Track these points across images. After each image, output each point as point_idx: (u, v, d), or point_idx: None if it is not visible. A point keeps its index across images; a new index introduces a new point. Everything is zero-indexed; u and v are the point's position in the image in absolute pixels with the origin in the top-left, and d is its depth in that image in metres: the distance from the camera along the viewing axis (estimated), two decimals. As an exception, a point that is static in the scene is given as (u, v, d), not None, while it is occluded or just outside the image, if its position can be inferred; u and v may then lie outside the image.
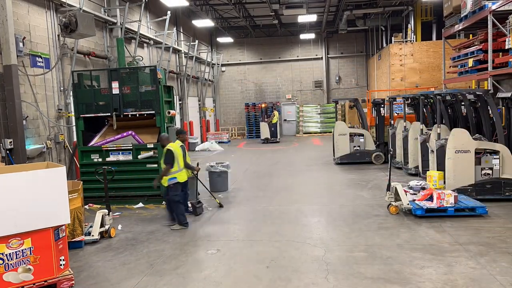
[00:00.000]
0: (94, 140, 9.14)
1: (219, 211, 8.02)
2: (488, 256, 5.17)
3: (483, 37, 11.18)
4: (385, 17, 21.53)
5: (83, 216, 6.40)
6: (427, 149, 9.13)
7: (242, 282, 4.77)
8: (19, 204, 4.53)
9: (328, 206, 7.98)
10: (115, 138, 8.95)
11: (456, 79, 13.35)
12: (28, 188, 4.58)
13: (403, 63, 18.14)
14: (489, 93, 8.04)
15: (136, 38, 13.86)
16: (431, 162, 8.74)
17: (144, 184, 8.75)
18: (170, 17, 15.31)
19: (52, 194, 4.73)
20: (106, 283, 4.89)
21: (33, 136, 9.26)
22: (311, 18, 19.79)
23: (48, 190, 4.71)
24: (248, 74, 26.69)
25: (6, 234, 4.46)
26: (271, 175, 11.71)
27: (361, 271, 4.91)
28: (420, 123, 9.91)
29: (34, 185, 4.62)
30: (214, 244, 6.10)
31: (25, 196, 4.57)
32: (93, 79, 9.14)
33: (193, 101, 21.90)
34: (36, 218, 4.61)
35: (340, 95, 25.84)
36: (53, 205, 4.72)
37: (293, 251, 5.64)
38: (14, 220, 4.50)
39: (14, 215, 4.50)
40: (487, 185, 7.64)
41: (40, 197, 4.65)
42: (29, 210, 4.57)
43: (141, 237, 6.60)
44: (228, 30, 24.44)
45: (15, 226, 4.51)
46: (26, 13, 9.31)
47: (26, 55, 9.16)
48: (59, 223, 4.77)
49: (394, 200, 7.33)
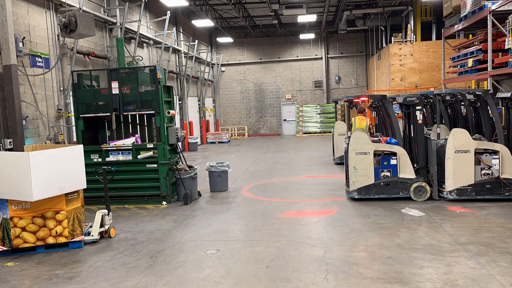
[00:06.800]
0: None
1: (218, 211, 8.02)
2: (488, 256, 5.17)
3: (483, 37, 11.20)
4: (385, 17, 21.54)
5: (83, 216, 6.40)
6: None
7: (242, 282, 4.77)
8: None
9: (328, 206, 7.98)
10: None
11: (456, 79, 13.36)
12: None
13: (402, 63, 18.15)
14: (488, 93, 8.05)
15: (136, 38, 13.86)
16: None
17: (144, 184, 8.76)
18: (169, 17, 15.32)
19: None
20: (105, 283, 4.89)
21: (32, 136, 9.25)
22: (311, 18, 19.79)
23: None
24: (247, 74, 26.69)
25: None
26: (271, 175, 11.72)
27: (361, 271, 4.90)
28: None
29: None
30: (214, 244, 6.10)
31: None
32: (92, 79, 9.14)
33: (193, 101, 21.90)
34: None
35: (340, 95, 25.85)
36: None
37: (293, 251, 5.63)
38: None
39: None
40: (487, 185, 7.64)
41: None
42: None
43: (141, 237, 6.60)
44: (227, 30, 24.44)
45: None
46: (25, 13, 9.31)
47: (25, 55, 9.16)
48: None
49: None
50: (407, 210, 7.33)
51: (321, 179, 10.79)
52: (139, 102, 8.79)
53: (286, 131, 26.63)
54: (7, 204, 5.85)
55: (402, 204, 7.78)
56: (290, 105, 26.48)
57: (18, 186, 5.66)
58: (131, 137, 9.24)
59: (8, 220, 5.88)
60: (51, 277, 5.14)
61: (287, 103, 26.51)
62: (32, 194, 5.59)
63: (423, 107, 8.30)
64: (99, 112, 8.94)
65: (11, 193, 5.74)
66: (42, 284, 4.95)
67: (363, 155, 8.02)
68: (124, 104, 8.84)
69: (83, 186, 6.32)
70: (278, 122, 26.75)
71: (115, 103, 8.80)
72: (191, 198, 8.82)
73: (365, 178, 8.05)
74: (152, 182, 8.76)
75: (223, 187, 9.89)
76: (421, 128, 8.13)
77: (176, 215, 7.87)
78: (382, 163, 8.08)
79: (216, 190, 9.81)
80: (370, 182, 8.05)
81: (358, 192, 8.11)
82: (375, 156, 8.07)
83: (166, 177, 8.69)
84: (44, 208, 5.95)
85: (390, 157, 8.09)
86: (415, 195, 7.95)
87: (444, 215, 7.02)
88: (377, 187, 8.06)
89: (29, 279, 5.12)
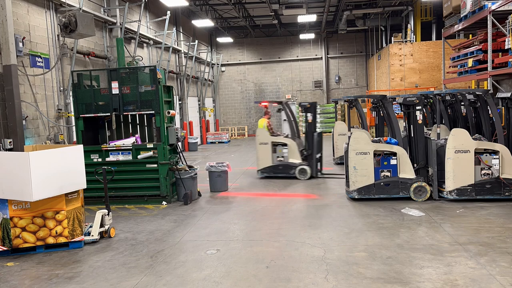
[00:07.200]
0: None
1: (218, 211, 8.02)
2: (488, 256, 5.17)
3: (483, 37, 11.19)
4: (385, 17, 21.54)
5: (83, 216, 6.40)
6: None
7: (242, 282, 4.77)
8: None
9: (328, 206, 7.98)
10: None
11: (456, 79, 13.35)
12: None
13: (402, 63, 18.14)
14: (488, 93, 8.05)
15: (136, 38, 13.86)
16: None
17: (143, 184, 8.76)
18: (169, 17, 15.32)
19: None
20: (105, 283, 4.89)
21: (32, 136, 9.26)
22: (311, 18, 19.80)
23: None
24: (247, 74, 26.69)
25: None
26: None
27: (361, 271, 4.90)
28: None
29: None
30: (213, 244, 6.10)
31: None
32: (92, 79, 9.15)
33: (192, 101, 21.90)
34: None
35: (340, 95, 25.86)
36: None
37: (293, 251, 5.63)
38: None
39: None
40: (487, 185, 7.64)
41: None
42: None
43: (140, 237, 6.60)
44: (227, 30, 24.45)
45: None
46: (25, 13, 9.31)
47: (25, 55, 9.16)
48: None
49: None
50: (407, 210, 7.33)
51: (321, 179, 10.79)
52: (139, 102, 8.79)
53: (286, 131, 26.62)
54: (7, 204, 5.86)
55: (402, 204, 7.78)
56: (290, 105, 26.47)
57: (18, 186, 5.66)
58: (131, 137, 9.25)
59: (8, 220, 5.88)
60: (51, 277, 5.14)
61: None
62: (32, 194, 5.59)
63: (423, 107, 8.29)
64: (99, 112, 8.94)
65: (11, 193, 5.74)
66: (42, 284, 4.95)
67: (363, 155, 8.02)
68: (124, 104, 8.84)
69: (83, 186, 6.34)
70: (278, 122, 26.75)
71: (115, 103, 8.80)
72: (191, 198, 8.83)
73: (365, 178, 8.05)
74: (152, 182, 8.76)
75: (223, 187, 9.89)
76: (421, 128, 8.13)
77: (176, 215, 7.87)
78: (382, 163, 8.08)
79: (216, 190, 9.82)
80: (370, 182, 8.05)
81: (358, 192, 8.11)
82: (375, 156, 8.07)
83: (166, 177, 8.69)
84: (44, 208, 5.96)
85: (390, 157, 8.09)
86: (415, 195, 7.95)
87: (444, 215, 7.02)
88: (377, 187, 8.06)
89: (29, 279, 5.12)
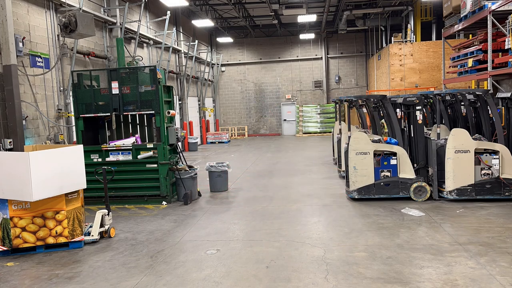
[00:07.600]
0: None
1: (218, 211, 8.02)
2: (488, 256, 5.17)
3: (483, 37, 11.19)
4: (385, 17, 21.54)
5: (83, 216, 6.40)
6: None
7: (241, 282, 4.77)
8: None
9: (328, 206, 7.98)
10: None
11: (456, 79, 13.35)
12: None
13: (402, 63, 18.15)
14: (488, 93, 8.05)
15: (136, 38, 13.86)
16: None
17: (143, 184, 8.77)
18: (169, 17, 15.32)
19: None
20: (105, 283, 4.89)
21: (32, 136, 9.26)
22: (311, 18, 19.80)
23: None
24: (247, 74, 26.70)
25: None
26: (271, 175, 11.72)
27: (361, 271, 4.90)
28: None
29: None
30: (213, 244, 6.10)
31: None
32: (92, 79, 9.15)
33: (192, 101, 21.90)
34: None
35: (340, 95, 25.85)
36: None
37: (293, 251, 5.63)
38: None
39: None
40: (487, 185, 7.64)
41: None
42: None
43: (140, 237, 6.60)
44: (227, 30, 24.45)
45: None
46: (25, 13, 9.31)
47: (25, 55, 9.16)
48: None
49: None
50: (407, 210, 7.33)
51: (321, 179, 10.79)
52: (139, 102, 8.80)
53: (286, 131, 26.64)
54: (7, 204, 5.86)
55: (402, 204, 7.78)
56: (290, 105, 26.48)
57: (18, 186, 5.66)
58: (131, 137, 9.25)
59: (8, 220, 5.88)
60: (51, 277, 5.14)
61: (287, 103, 26.52)
62: (32, 194, 5.59)
63: (423, 107, 8.30)
64: (99, 112, 8.94)
65: (11, 193, 5.75)
66: (42, 284, 4.95)
67: (363, 155, 8.02)
68: (124, 104, 8.84)
69: (83, 186, 6.34)
70: (278, 122, 26.76)
71: (115, 103, 8.80)
72: (191, 198, 8.83)
73: (365, 178, 8.05)
74: (152, 182, 8.76)
75: (223, 187, 9.89)
76: (421, 128, 8.12)
77: (176, 215, 7.87)
78: (382, 163, 8.08)
79: (216, 190, 9.82)
80: (370, 182, 8.05)
81: (358, 192, 8.11)
82: (375, 156, 8.07)
83: (166, 177, 8.69)
84: (44, 208, 5.96)
85: (390, 157, 8.09)
86: (415, 195, 7.95)
87: (444, 215, 7.02)
88: (377, 187, 8.06)
89: (29, 279, 5.12)
